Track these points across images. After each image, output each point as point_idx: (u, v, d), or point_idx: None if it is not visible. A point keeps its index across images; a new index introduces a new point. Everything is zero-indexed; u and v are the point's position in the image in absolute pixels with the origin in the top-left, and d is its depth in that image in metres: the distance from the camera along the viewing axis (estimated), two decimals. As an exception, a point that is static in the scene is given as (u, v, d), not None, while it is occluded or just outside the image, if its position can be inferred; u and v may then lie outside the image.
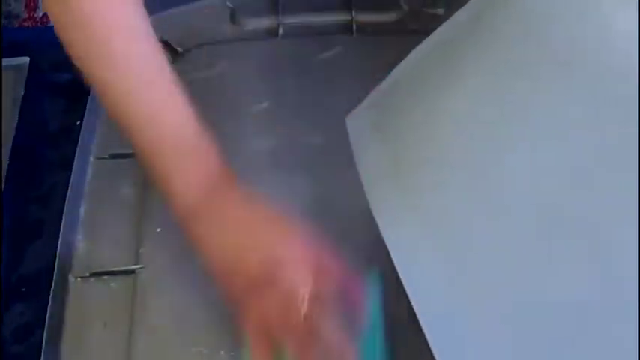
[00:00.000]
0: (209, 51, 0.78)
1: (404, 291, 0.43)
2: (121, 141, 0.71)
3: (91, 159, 0.71)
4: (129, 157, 0.70)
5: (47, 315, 0.60)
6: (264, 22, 0.81)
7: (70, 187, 0.67)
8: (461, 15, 0.48)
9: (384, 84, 0.51)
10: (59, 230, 0.64)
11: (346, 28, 0.80)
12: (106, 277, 0.64)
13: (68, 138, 0.72)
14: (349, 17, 0.80)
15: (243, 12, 0.81)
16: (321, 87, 0.75)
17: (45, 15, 1.07)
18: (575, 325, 0.40)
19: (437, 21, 0.78)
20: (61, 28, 0.54)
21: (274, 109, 0.73)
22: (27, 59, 0.80)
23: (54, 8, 0.54)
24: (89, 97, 0.73)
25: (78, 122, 0.73)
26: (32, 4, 1.25)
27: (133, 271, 0.63)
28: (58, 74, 0.79)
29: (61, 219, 0.65)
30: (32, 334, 0.61)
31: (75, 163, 0.68)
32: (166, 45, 0.79)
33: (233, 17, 0.81)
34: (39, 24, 1.21)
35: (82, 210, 0.68)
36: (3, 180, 0.70)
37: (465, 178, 0.42)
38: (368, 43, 0.78)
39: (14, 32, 0.82)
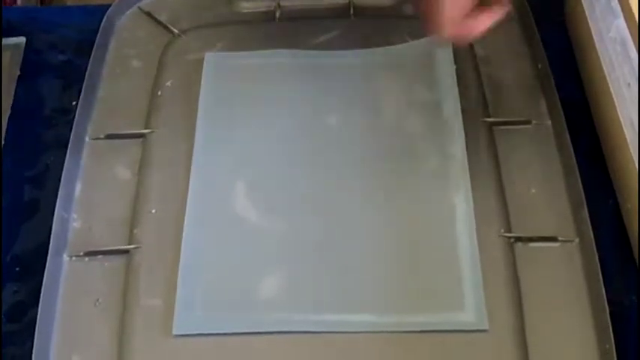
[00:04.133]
0: (206, 33, 0.78)
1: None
2: (117, 122, 0.72)
3: (87, 139, 0.71)
4: (124, 137, 0.71)
5: (41, 294, 0.60)
6: (262, 5, 0.80)
7: (65, 167, 0.67)
8: None
9: None
10: (53, 210, 0.64)
11: (344, 11, 0.80)
12: (100, 256, 0.64)
13: (64, 118, 0.72)
14: (347, 0, 0.80)
15: (241, -6, 0.81)
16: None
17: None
18: None
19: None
20: None
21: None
22: (23, 39, 0.80)
23: None
24: (85, 77, 0.73)
25: (74, 102, 0.72)
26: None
27: (127, 251, 0.63)
28: (55, 54, 0.79)
29: (56, 199, 0.65)
30: (26, 314, 0.61)
31: (70, 143, 0.68)
32: (163, 27, 0.79)
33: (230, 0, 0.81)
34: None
35: (77, 190, 0.68)
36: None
37: None
38: (366, 27, 0.78)
39: (10, 12, 0.82)
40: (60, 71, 0.78)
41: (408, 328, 0.59)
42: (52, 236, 0.63)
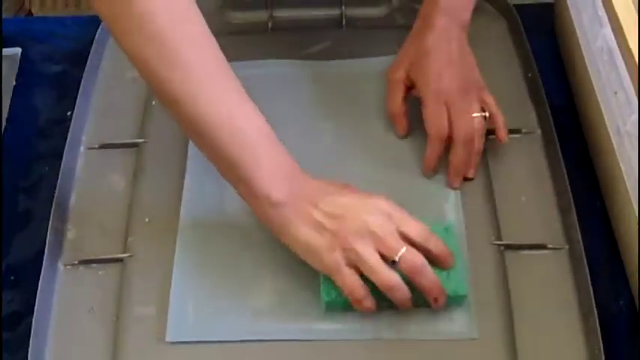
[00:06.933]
0: (199, 43, 0.78)
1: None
2: (111, 131, 0.72)
3: (82, 149, 0.71)
4: (119, 147, 0.71)
5: (36, 303, 0.60)
6: (254, 16, 0.81)
7: (60, 177, 0.67)
8: None
9: None
10: (48, 219, 0.65)
11: (336, 22, 0.81)
12: (94, 265, 0.64)
13: (58, 128, 0.73)
14: (339, 11, 0.81)
15: (233, 5, 0.81)
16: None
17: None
18: None
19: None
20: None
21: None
22: (19, 50, 0.80)
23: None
24: (80, 87, 0.73)
25: (69, 113, 0.73)
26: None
27: (121, 260, 0.64)
28: (50, 65, 0.80)
29: (50, 208, 0.65)
30: (20, 322, 0.62)
31: (65, 152, 0.69)
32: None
33: (222, 10, 0.81)
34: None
35: (72, 199, 0.68)
36: None
37: None
38: (357, 37, 0.79)
39: (6, 23, 0.82)
40: (55, 82, 0.78)
41: (399, 337, 0.59)
42: (46, 245, 0.63)
